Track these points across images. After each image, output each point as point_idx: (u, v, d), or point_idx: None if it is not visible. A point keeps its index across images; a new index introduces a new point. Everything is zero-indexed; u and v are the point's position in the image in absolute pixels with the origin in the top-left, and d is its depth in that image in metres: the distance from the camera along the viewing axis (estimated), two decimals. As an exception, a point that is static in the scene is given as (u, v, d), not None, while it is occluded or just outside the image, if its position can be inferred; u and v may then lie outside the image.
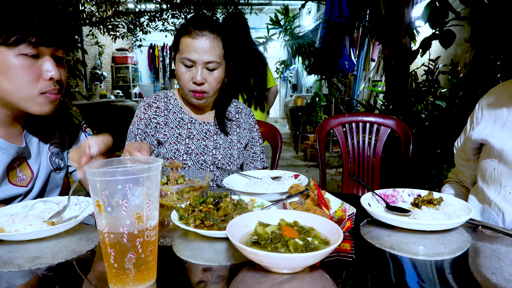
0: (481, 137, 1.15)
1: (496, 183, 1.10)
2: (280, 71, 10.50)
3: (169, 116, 1.41)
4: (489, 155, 1.13)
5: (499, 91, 1.16)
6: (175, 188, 1.00)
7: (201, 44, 1.26)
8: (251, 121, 1.57)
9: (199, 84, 1.29)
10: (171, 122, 1.40)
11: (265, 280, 0.62)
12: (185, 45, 1.28)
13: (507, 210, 1.05)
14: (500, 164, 1.08)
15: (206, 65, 1.28)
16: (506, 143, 1.06)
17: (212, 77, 1.31)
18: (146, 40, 8.00)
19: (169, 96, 1.45)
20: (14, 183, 1.05)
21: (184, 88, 1.33)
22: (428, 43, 2.71)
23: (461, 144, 1.29)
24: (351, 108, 5.14)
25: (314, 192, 0.91)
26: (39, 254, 0.74)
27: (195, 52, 1.26)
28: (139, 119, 1.38)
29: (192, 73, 1.29)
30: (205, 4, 5.69)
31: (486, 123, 1.16)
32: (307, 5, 7.94)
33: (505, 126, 1.09)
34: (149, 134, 1.37)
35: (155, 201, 0.61)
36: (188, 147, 1.39)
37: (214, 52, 1.28)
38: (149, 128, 1.38)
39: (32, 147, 1.09)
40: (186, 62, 1.28)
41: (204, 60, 1.27)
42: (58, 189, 1.19)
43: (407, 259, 0.72)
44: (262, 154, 1.58)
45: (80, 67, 4.29)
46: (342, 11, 4.72)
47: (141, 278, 0.60)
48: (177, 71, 1.32)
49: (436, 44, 2.75)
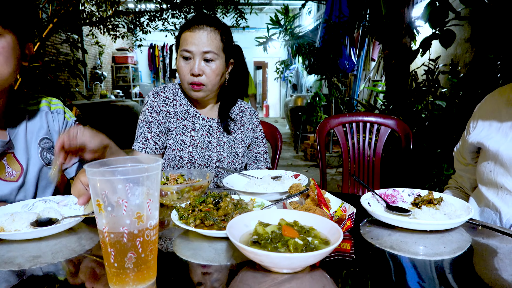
0: (477, 140, 1.17)
1: (493, 185, 1.11)
2: (280, 71, 10.50)
3: (176, 106, 1.42)
4: (485, 158, 1.15)
5: (496, 96, 1.19)
6: (175, 188, 1.00)
7: (199, 35, 1.29)
8: (255, 121, 1.57)
9: (196, 75, 1.30)
10: (178, 113, 1.41)
11: (265, 280, 0.62)
12: (184, 39, 1.32)
13: (504, 210, 1.07)
14: (496, 166, 1.09)
15: (203, 55, 1.30)
16: (500, 146, 1.08)
17: (210, 69, 1.32)
18: (146, 40, 7.99)
19: (177, 89, 1.46)
20: (3, 178, 1.05)
21: (183, 82, 1.35)
22: (428, 43, 2.71)
23: (460, 148, 1.31)
24: (351, 108, 5.14)
25: (314, 192, 0.91)
26: (39, 253, 0.74)
27: (192, 44, 1.29)
28: (150, 107, 1.38)
29: (190, 65, 1.31)
30: (205, 4, 5.68)
31: (482, 127, 1.18)
32: (307, 5, 7.95)
33: (500, 129, 1.11)
34: (162, 122, 1.38)
35: (155, 201, 0.61)
36: (194, 140, 1.39)
37: (211, 43, 1.30)
38: (160, 116, 1.38)
39: (18, 141, 1.09)
40: (184, 53, 1.31)
41: (201, 50, 1.29)
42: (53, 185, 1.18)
43: (407, 259, 0.72)
44: (265, 154, 1.58)
45: (80, 67, 4.29)
46: (342, 11, 4.72)
47: (141, 277, 0.60)
48: (177, 66, 1.35)
49: (436, 44, 2.75)
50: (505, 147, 1.07)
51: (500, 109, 1.14)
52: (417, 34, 3.23)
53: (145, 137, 1.36)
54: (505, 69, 2.56)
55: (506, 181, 1.06)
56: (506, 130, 1.09)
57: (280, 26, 5.72)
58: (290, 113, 8.00)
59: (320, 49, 5.03)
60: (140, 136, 1.36)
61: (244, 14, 6.11)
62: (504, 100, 1.14)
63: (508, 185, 1.06)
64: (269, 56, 12.62)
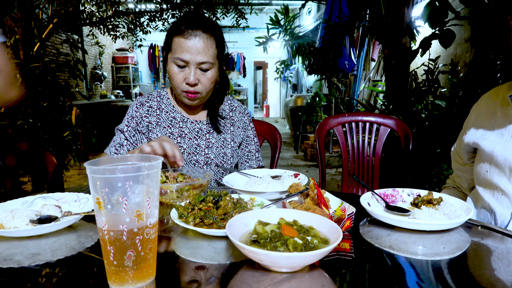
0: (473, 140, 1.17)
1: (489, 186, 1.11)
2: (280, 71, 10.50)
3: (161, 115, 1.41)
4: (481, 159, 1.15)
5: (492, 96, 1.19)
6: (175, 186, 1.00)
7: (194, 44, 1.24)
8: (246, 120, 1.55)
9: (192, 85, 1.28)
10: (163, 122, 1.40)
11: (264, 279, 0.62)
12: (178, 45, 1.25)
13: (499, 210, 1.07)
14: (492, 166, 1.10)
15: (199, 65, 1.26)
16: (495, 146, 1.08)
17: (206, 78, 1.29)
18: (146, 40, 7.99)
19: (162, 95, 1.44)
20: None
21: (177, 89, 1.31)
22: (428, 42, 2.72)
23: (457, 147, 1.31)
24: (351, 108, 5.15)
25: (314, 191, 0.91)
26: (39, 250, 0.74)
27: (188, 53, 1.24)
28: (130, 117, 1.39)
29: (185, 74, 1.27)
30: (205, 4, 5.68)
31: (478, 127, 1.18)
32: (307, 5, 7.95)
33: (496, 130, 1.11)
34: (140, 131, 1.38)
35: (155, 199, 0.61)
36: (180, 146, 1.38)
37: (207, 52, 1.26)
38: (140, 126, 1.38)
39: None
40: (178, 62, 1.26)
41: (197, 60, 1.25)
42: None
43: (406, 259, 0.72)
44: (257, 153, 1.57)
45: (80, 67, 4.29)
46: (342, 11, 4.72)
47: (140, 275, 0.60)
48: (169, 71, 1.30)
49: (436, 43, 2.75)
50: (500, 147, 1.07)
51: (495, 109, 1.14)
52: (417, 34, 3.23)
53: (120, 143, 1.36)
54: (504, 69, 2.57)
55: (501, 181, 1.06)
56: (501, 130, 1.09)
57: (280, 26, 5.71)
58: (290, 113, 8.01)
59: (320, 49, 5.02)
60: (115, 141, 1.37)
61: (244, 14, 6.11)
62: (499, 100, 1.14)
63: (503, 186, 1.06)
64: (269, 56, 12.63)
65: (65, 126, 3.93)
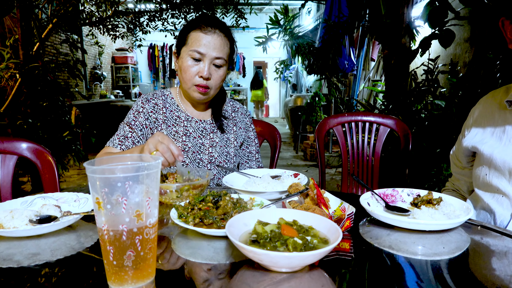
0: (472, 144, 1.17)
1: (489, 188, 1.12)
2: (280, 71, 10.49)
3: (166, 113, 1.41)
4: (480, 162, 1.15)
5: (489, 99, 1.19)
6: (175, 186, 1.00)
7: (212, 39, 1.28)
8: (247, 121, 1.57)
9: (205, 78, 1.30)
10: (168, 120, 1.40)
11: (264, 279, 0.62)
12: (195, 38, 1.28)
13: (498, 211, 1.08)
14: (491, 170, 1.10)
15: (213, 60, 1.29)
16: (494, 150, 1.08)
17: (217, 74, 1.32)
18: (146, 40, 8.00)
19: (166, 95, 1.45)
20: None
21: (188, 82, 1.32)
22: (427, 42, 2.72)
23: (456, 151, 1.32)
24: (351, 107, 5.14)
25: (314, 191, 0.91)
26: (38, 250, 0.74)
27: (205, 46, 1.27)
28: (136, 111, 1.37)
29: (199, 67, 1.30)
30: (205, 4, 5.69)
31: (476, 131, 1.18)
32: (307, 5, 7.95)
33: (494, 134, 1.12)
34: (148, 126, 1.37)
35: (155, 199, 0.61)
36: (185, 145, 1.39)
37: (223, 49, 1.30)
38: (149, 121, 1.38)
39: None
40: (195, 54, 1.28)
41: (213, 55, 1.28)
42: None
43: (406, 258, 0.72)
44: (257, 154, 1.58)
45: (80, 67, 4.28)
46: (342, 11, 4.72)
47: (140, 275, 0.60)
48: (182, 64, 1.31)
49: (435, 43, 2.75)
50: (499, 151, 1.07)
51: (493, 112, 1.14)
52: (416, 34, 3.23)
53: (124, 135, 1.34)
54: (504, 69, 2.57)
55: (501, 184, 1.07)
56: (500, 134, 1.10)
57: (280, 26, 5.70)
58: (289, 113, 8.00)
59: (320, 49, 5.02)
60: (119, 135, 1.35)
61: (244, 14, 6.11)
62: (497, 103, 1.14)
63: (503, 188, 1.06)
64: (269, 56, 12.62)
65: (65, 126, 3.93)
